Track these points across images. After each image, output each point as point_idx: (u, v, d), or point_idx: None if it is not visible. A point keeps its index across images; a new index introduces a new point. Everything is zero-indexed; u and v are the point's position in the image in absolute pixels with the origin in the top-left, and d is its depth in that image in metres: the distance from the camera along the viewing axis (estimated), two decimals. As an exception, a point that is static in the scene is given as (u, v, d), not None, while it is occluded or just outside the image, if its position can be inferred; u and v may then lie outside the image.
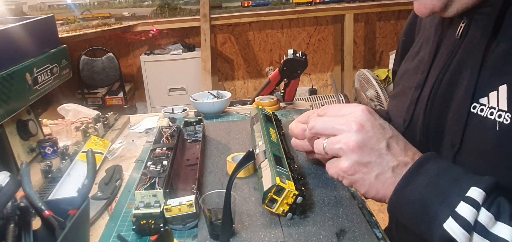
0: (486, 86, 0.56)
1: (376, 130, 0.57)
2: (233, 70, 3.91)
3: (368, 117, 0.58)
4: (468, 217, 0.48)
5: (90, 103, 3.35)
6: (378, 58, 3.99)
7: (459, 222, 0.49)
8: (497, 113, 0.53)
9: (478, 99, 0.56)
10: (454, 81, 0.62)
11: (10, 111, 0.86)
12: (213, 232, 0.64)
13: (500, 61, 0.55)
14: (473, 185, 0.50)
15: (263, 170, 0.72)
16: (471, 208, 0.48)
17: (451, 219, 0.49)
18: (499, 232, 0.48)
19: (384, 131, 0.58)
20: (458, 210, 0.49)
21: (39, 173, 0.89)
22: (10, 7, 3.16)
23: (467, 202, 0.49)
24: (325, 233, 0.63)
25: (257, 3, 3.54)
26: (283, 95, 1.39)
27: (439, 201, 0.51)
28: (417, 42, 0.79)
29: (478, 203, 0.48)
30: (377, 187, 0.57)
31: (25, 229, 0.51)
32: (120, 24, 3.33)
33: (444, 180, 0.52)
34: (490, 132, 0.54)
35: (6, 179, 0.48)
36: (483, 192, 0.49)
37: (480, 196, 0.49)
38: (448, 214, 0.50)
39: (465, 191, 0.50)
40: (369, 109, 0.60)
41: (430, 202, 0.52)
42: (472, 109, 0.57)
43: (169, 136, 0.94)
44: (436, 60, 0.68)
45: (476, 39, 0.59)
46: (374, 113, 0.60)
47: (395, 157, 0.57)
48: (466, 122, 0.57)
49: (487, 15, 0.57)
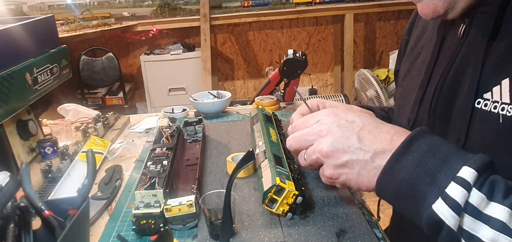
0: (489, 82, 0.56)
1: (343, 128, 0.58)
2: (233, 70, 3.91)
3: (333, 119, 0.59)
4: (458, 198, 0.46)
5: (90, 103, 3.34)
6: (378, 58, 3.99)
7: (449, 203, 0.47)
8: (500, 106, 0.54)
9: (482, 95, 0.57)
10: (458, 79, 0.62)
11: (10, 111, 0.86)
12: (213, 232, 0.64)
13: (502, 57, 0.55)
14: (464, 164, 0.48)
15: (263, 170, 0.72)
16: (461, 189, 0.46)
17: (441, 200, 0.47)
18: (492, 212, 0.46)
19: (353, 125, 0.58)
20: (448, 191, 0.47)
21: (39, 173, 0.89)
22: (10, 7, 3.16)
23: (457, 183, 0.47)
24: (325, 233, 0.63)
25: (257, 3, 3.54)
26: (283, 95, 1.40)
27: (427, 181, 0.49)
28: (416, 42, 0.80)
29: (469, 184, 0.46)
30: (364, 181, 0.57)
31: (25, 229, 0.51)
32: (120, 24, 3.33)
33: (433, 159, 0.50)
34: (493, 125, 0.54)
35: (6, 179, 0.48)
36: (475, 172, 0.47)
37: (471, 176, 0.47)
38: (438, 195, 0.48)
39: (456, 171, 0.48)
40: (333, 111, 0.61)
41: (418, 182, 0.50)
42: (476, 105, 0.57)
43: (169, 136, 0.94)
44: (439, 60, 0.69)
45: (478, 37, 0.60)
46: (340, 113, 0.60)
47: (370, 148, 0.56)
48: (471, 117, 0.57)
49: (487, 13, 0.58)
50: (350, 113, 0.60)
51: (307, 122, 0.63)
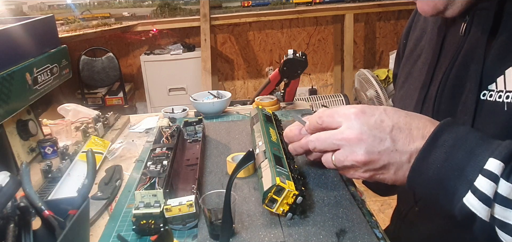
0: (493, 73, 0.57)
1: (375, 131, 0.56)
2: (233, 70, 3.90)
3: (363, 120, 0.57)
4: (486, 191, 0.47)
5: (90, 103, 3.34)
6: (378, 58, 3.99)
7: (478, 196, 0.48)
8: (505, 95, 0.55)
9: (486, 86, 0.58)
10: (461, 76, 0.63)
11: (10, 111, 0.86)
12: (213, 232, 0.64)
13: (505, 47, 0.56)
14: (490, 155, 0.48)
15: (263, 170, 0.71)
16: (489, 182, 0.48)
17: (470, 194, 0.49)
18: None
19: (383, 126, 0.56)
20: (476, 184, 0.48)
21: (39, 173, 0.89)
22: (10, 7, 3.16)
23: (485, 176, 0.48)
24: (325, 233, 0.63)
25: (257, 3, 3.54)
26: (283, 95, 1.39)
27: (456, 175, 0.50)
28: (415, 45, 0.80)
29: (496, 176, 0.47)
30: (400, 179, 0.57)
31: (25, 229, 0.51)
32: (120, 24, 3.33)
33: (460, 153, 0.51)
34: (499, 115, 0.55)
35: (6, 179, 0.48)
36: (501, 163, 0.48)
37: (498, 168, 0.48)
38: (467, 189, 0.49)
39: (483, 163, 0.48)
40: (361, 110, 0.58)
41: (447, 177, 0.51)
42: (481, 97, 0.58)
43: (169, 136, 0.94)
44: (440, 59, 0.69)
45: (479, 33, 0.61)
46: (366, 112, 0.58)
47: (405, 149, 0.55)
48: (476, 109, 0.58)
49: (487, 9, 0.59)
50: (376, 111, 0.58)
51: (333, 118, 0.60)
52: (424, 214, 0.74)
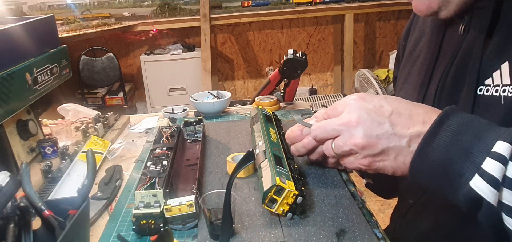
0: (489, 68, 0.57)
1: (373, 115, 0.56)
2: (233, 70, 3.91)
3: (361, 105, 0.57)
4: (495, 173, 0.46)
5: (90, 103, 3.35)
6: (378, 58, 3.99)
7: (486, 179, 0.46)
8: (501, 88, 0.55)
9: (483, 82, 0.58)
10: (460, 75, 0.63)
11: (10, 111, 0.86)
12: (213, 232, 0.64)
13: (501, 43, 0.57)
14: (499, 138, 0.47)
15: (263, 170, 0.71)
16: (498, 164, 0.46)
17: (478, 177, 0.47)
18: None
19: (382, 111, 0.56)
20: (484, 166, 0.47)
21: (39, 173, 0.89)
22: (10, 7, 3.16)
23: (493, 158, 0.46)
24: (325, 233, 0.63)
25: (257, 3, 3.54)
26: (283, 95, 1.39)
27: (462, 159, 0.48)
28: (414, 46, 0.80)
29: (505, 158, 0.46)
30: (400, 166, 0.56)
31: (25, 229, 0.51)
32: (120, 24, 3.33)
33: (466, 136, 0.49)
34: (496, 109, 0.55)
35: (6, 179, 0.48)
36: (510, 145, 0.46)
37: (507, 150, 0.46)
38: (474, 172, 0.47)
39: (491, 146, 0.47)
40: (361, 97, 0.59)
41: (453, 161, 0.49)
42: (478, 93, 0.58)
43: (169, 136, 0.94)
44: (439, 59, 0.69)
45: (477, 32, 0.61)
46: (366, 98, 0.59)
47: (404, 133, 0.55)
48: (474, 105, 0.58)
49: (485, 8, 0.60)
50: (376, 98, 0.58)
51: (335, 109, 0.61)
52: (424, 210, 0.74)
